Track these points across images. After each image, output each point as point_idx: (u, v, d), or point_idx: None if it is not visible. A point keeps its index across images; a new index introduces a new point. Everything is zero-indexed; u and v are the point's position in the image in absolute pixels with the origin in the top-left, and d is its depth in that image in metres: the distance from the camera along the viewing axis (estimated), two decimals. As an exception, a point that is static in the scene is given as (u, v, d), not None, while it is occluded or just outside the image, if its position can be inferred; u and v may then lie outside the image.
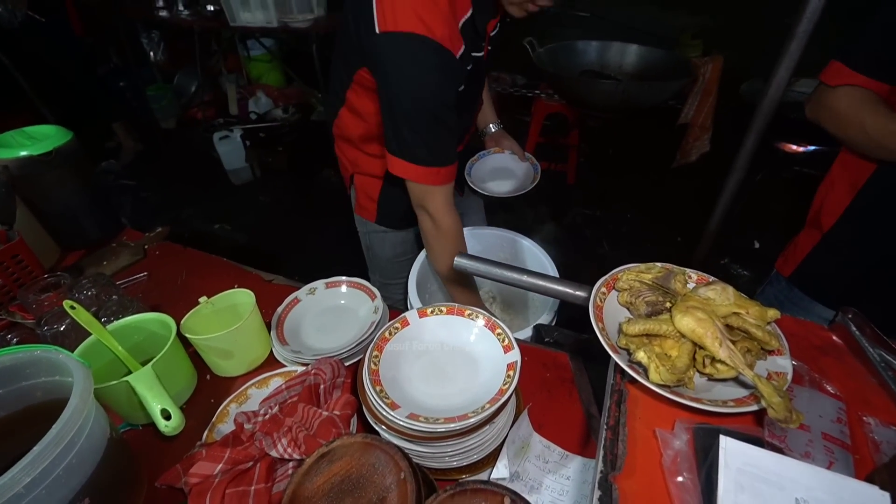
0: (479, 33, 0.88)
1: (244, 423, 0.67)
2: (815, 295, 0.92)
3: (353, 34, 0.86)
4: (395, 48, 0.77)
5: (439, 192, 0.90)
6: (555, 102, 2.67)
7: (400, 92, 0.80)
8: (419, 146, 0.85)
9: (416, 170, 0.87)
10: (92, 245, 1.17)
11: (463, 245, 0.99)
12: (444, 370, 0.67)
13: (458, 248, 0.98)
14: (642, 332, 0.51)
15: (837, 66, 0.79)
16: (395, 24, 0.75)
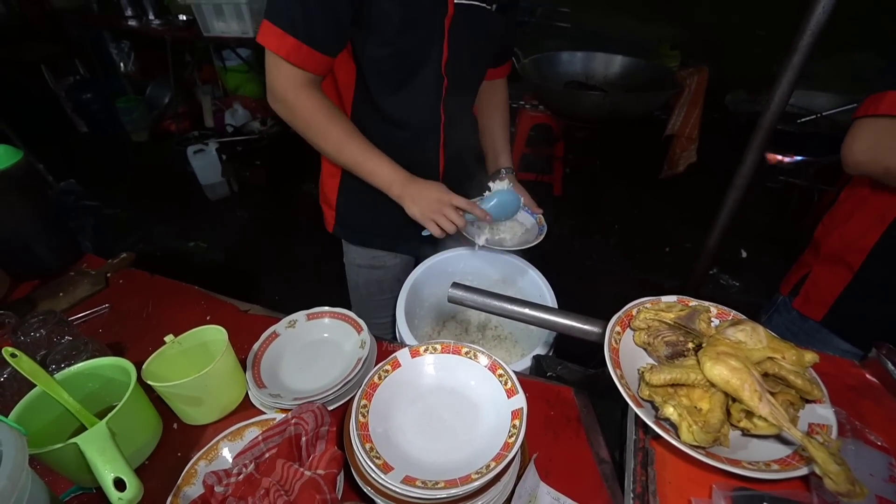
0: None
1: (215, 484, 0.59)
2: (848, 335, 0.85)
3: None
4: None
5: (286, 67, 0.77)
6: (540, 113, 2.65)
7: None
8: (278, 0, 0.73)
9: (265, 28, 0.75)
10: (47, 274, 1.06)
11: (338, 121, 0.84)
12: (442, 418, 0.60)
13: (331, 125, 0.84)
14: (668, 381, 0.46)
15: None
16: None
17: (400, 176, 0.88)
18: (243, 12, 2.51)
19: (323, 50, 0.77)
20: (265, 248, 2.61)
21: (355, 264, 1.16)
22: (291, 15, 0.73)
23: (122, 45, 3.43)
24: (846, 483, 0.36)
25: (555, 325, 0.65)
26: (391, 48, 0.82)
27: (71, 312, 0.96)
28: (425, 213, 0.88)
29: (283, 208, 2.85)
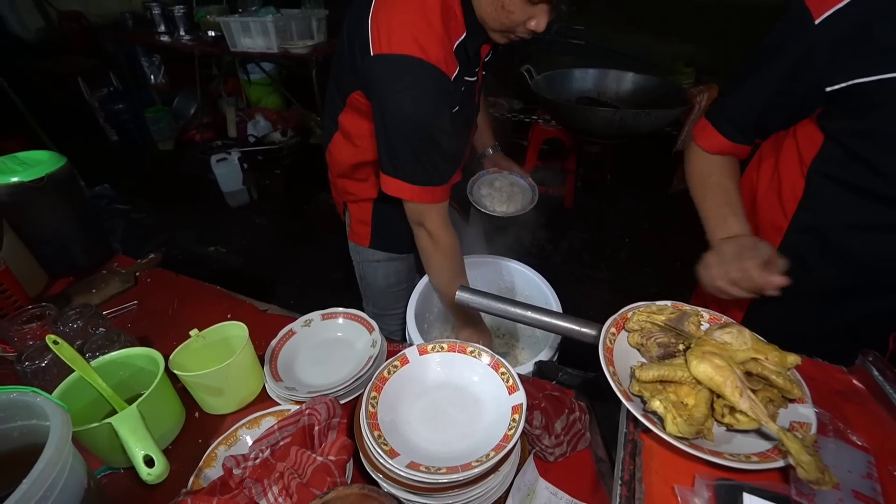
0: (471, 57, 0.88)
1: (233, 467, 0.63)
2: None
3: (347, 57, 0.87)
4: (391, 70, 0.78)
5: (435, 209, 0.92)
6: (552, 128, 2.70)
7: (396, 113, 0.80)
8: (413, 165, 0.85)
9: (410, 189, 0.88)
10: (81, 272, 1.14)
11: (461, 262, 1.01)
12: (446, 412, 0.64)
13: (456, 264, 1.00)
14: (656, 378, 0.49)
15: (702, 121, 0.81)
16: (389, 47, 0.76)
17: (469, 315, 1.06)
18: (269, 30, 2.63)
19: (451, 179, 0.93)
20: (281, 254, 2.69)
21: (372, 261, 1.21)
22: (431, 173, 0.87)
23: (154, 59, 3.60)
24: (816, 472, 0.39)
25: (554, 328, 0.68)
26: None
27: (103, 308, 1.02)
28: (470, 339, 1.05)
29: (299, 216, 2.93)
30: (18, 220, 1.02)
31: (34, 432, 0.59)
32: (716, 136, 0.77)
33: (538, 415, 0.67)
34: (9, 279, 0.92)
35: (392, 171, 0.87)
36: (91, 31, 3.65)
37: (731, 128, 0.75)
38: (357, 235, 1.19)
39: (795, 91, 0.65)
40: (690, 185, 0.83)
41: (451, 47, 0.82)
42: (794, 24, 0.63)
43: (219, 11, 3.14)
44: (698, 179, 0.81)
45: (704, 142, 0.79)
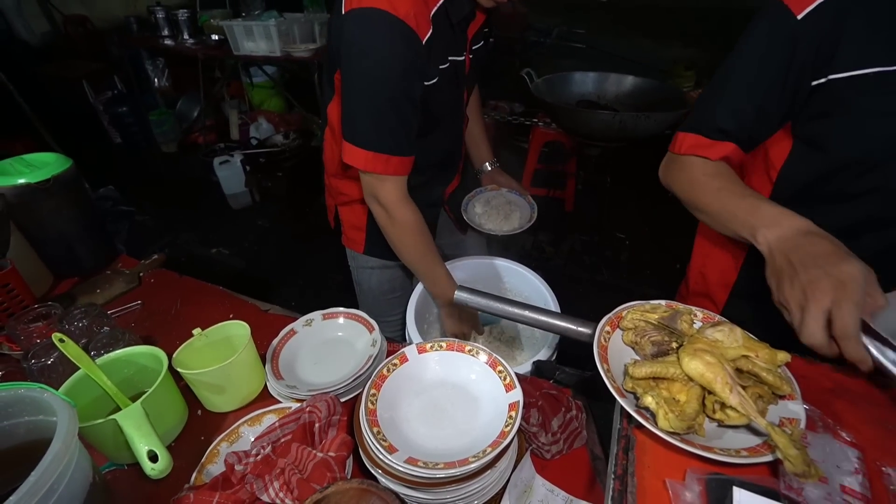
0: (457, 33, 0.88)
1: (235, 463, 0.64)
2: None
3: (332, 36, 0.86)
4: (357, 23, 0.76)
5: (389, 182, 0.88)
6: (552, 131, 2.72)
7: (357, 68, 0.78)
8: (371, 130, 0.83)
9: (364, 156, 0.84)
10: (86, 272, 1.15)
11: (427, 239, 0.96)
12: (444, 409, 0.65)
13: (421, 241, 0.95)
14: (649, 374, 0.50)
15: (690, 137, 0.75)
16: (359, 2, 0.75)
17: (450, 293, 0.98)
18: (272, 33, 2.65)
19: (409, 153, 0.88)
20: (282, 256, 2.70)
21: (367, 267, 1.21)
22: (387, 138, 0.84)
23: (157, 62, 3.63)
24: (802, 465, 0.40)
25: (551, 327, 0.69)
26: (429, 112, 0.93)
27: (107, 307, 1.03)
28: (454, 330, 1.08)
29: (301, 218, 2.95)
30: (25, 221, 1.04)
31: (40, 428, 0.60)
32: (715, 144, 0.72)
33: (535, 412, 0.68)
34: (15, 279, 0.94)
35: (349, 136, 0.85)
36: (96, 34, 3.68)
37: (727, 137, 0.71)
38: (351, 241, 1.18)
39: (786, 91, 0.64)
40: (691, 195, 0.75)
41: (428, 12, 0.79)
42: (775, 22, 0.63)
43: (222, 15, 3.17)
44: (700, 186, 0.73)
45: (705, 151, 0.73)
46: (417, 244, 0.95)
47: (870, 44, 0.57)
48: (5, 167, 1.03)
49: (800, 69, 0.62)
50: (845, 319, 0.48)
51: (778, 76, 0.64)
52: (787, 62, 0.62)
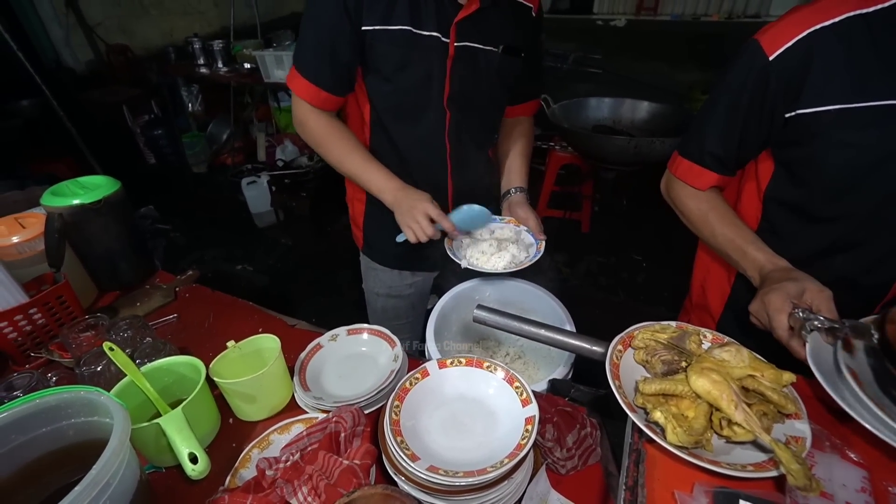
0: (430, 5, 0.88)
1: (266, 469, 0.68)
2: None
3: None
4: None
5: (299, 103, 0.97)
6: (569, 154, 2.77)
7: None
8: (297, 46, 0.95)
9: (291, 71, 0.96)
10: (127, 287, 1.23)
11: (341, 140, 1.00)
12: (463, 422, 0.69)
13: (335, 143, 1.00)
14: (658, 391, 0.53)
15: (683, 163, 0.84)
16: None
17: (392, 185, 0.99)
18: (300, 62, 2.80)
19: (328, 89, 0.95)
20: (304, 274, 2.78)
21: (374, 292, 1.26)
22: (305, 60, 0.93)
23: (192, 88, 3.85)
24: (804, 479, 0.42)
25: (566, 345, 0.73)
26: (392, 85, 0.96)
27: (146, 319, 1.10)
28: (403, 218, 0.97)
29: (323, 238, 3.04)
30: (76, 238, 1.12)
31: (90, 429, 0.65)
32: (704, 172, 0.81)
33: (550, 428, 0.70)
34: (68, 292, 1.02)
35: None
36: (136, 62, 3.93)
37: (716, 162, 0.79)
38: (355, 237, 1.24)
39: (763, 120, 0.72)
40: (691, 225, 0.86)
41: None
42: (751, 60, 0.70)
43: (254, 46, 3.36)
44: (697, 218, 0.84)
45: (695, 181, 0.82)
46: (336, 144, 0.99)
47: (830, 84, 0.64)
48: (61, 189, 1.13)
49: (772, 102, 0.70)
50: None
51: (755, 106, 0.72)
52: (762, 95, 0.70)
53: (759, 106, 0.70)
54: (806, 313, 0.59)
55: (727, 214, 0.80)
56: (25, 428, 0.62)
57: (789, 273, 0.68)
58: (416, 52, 0.91)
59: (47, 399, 0.63)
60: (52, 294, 0.99)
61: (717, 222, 0.80)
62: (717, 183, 0.81)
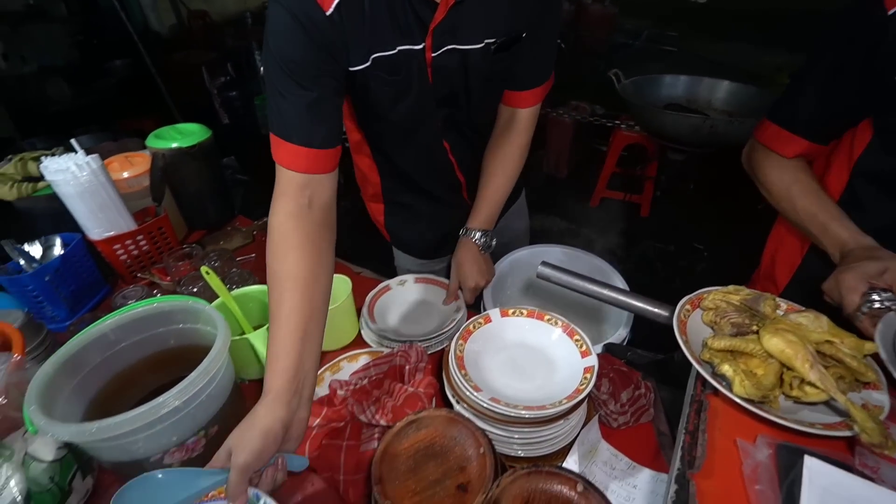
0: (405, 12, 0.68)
1: (338, 388, 0.76)
2: None
3: None
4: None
5: (282, 174, 0.71)
6: (635, 133, 2.66)
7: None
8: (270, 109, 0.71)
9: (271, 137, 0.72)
10: (211, 227, 1.35)
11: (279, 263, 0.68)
12: (523, 367, 0.72)
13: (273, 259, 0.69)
14: (728, 347, 0.53)
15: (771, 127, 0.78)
16: None
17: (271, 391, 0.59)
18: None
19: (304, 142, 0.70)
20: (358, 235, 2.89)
21: (405, 269, 1.22)
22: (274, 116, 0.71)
23: (264, 53, 4.02)
24: (879, 436, 0.42)
25: (628, 306, 0.74)
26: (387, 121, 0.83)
27: (230, 256, 1.21)
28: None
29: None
30: (172, 179, 1.24)
31: (191, 335, 0.75)
32: (793, 139, 0.76)
33: (606, 382, 0.73)
34: (167, 224, 1.14)
35: None
36: (214, 27, 4.15)
37: (808, 128, 0.74)
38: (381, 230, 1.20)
39: (870, 82, 0.66)
40: (771, 197, 0.82)
41: None
42: (866, 14, 0.64)
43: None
44: (779, 190, 0.79)
45: (782, 147, 0.77)
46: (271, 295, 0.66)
47: None
48: (162, 133, 1.24)
49: (885, 62, 0.64)
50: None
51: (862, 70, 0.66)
52: (874, 54, 0.64)
53: (869, 66, 0.65)
54: (881, 294, 0.56)
55: (811, 187, 0.75)
56: (144, 327, 0.71)
57: (872, 252, 0.64)
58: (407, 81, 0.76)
59: (162, 304, 0.72)
60: (154, 224, 1.11)
61: (799, 196, 0.76)
62: (806, 151, 0.76)
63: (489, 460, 0.57)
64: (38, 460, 0.61)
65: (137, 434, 0.56)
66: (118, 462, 0.59)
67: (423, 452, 0.60)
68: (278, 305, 0.63)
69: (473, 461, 0.58)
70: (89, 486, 0.69)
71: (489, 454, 0.57)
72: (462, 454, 0.59)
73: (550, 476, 0.54)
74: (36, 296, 0.94)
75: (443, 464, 0.59)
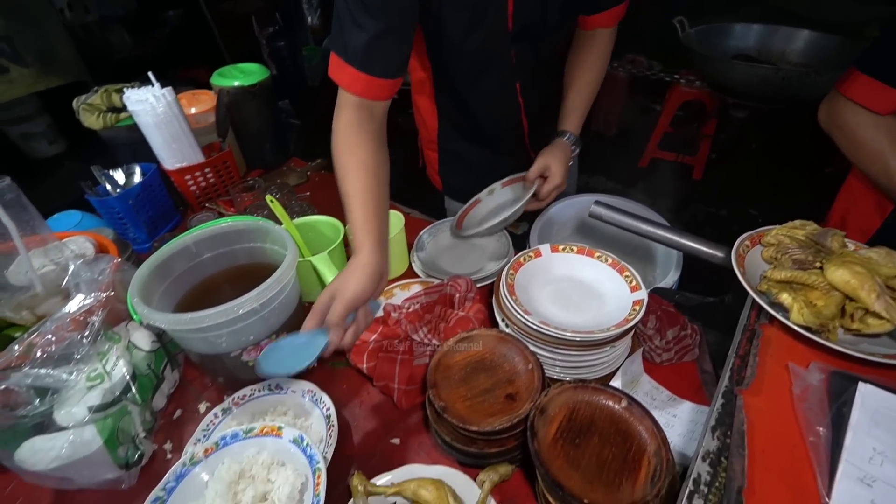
0: None
1: (391, 311, 0.81)
2: None
3: None
4: None
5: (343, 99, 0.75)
6: (694, 89, 2.51)
7: None
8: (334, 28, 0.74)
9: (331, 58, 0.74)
10: (268, 166, 1.42)
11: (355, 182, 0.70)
12: (571, 299, 0.74)
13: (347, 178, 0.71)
14: (788, 279, 0.53)
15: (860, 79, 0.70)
16: None
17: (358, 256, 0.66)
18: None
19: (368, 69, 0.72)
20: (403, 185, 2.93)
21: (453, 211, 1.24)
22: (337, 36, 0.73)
23: (312, 2, 3.99)
24: (943, 361, 0.42)
25: (684, 246, 0.73)
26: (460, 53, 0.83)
27: (287, 193, 1.27)
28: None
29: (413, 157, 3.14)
30: (234, 118, 1.30)
31: (259, 255, 0.81)
32: (890, 93, 0.68)
33: (653, 319, 0.74)
34: (231, 159, 1.21)
35: None
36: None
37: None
38: (432, 179, 1.23)
39: None
40: (858, 157, 0.75)
41: None
42: None
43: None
44: (871, 151, 0.73)
45: (875, 102, 0.70)
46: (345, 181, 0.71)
47: None
48: (224, 72, 1.29)
49: None
50: None
51: None
52: None
53: None
54: None
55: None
56: (220, 243, 0.78)
57: None
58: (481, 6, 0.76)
59: (236, 223, 0.79)
60: (220, 158, 1.18)
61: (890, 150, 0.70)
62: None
63: (537, 375, 0.60)
64: (138, 348, 0.70)
65: (222, 329, 0.63)
66: (205, 354, 0.67)
67: (473, 366, 0.64)
68: (353, 186, 0.70)
69: (522, 375, 0.62)
70: (177, 377, 0.78)
71: (537, 370, 0.61)
72: (511, 369, 0.63)
73: (596, 391, 0.57)
74: (121, 217, 1.03)
75: (493, 376, 0.63)
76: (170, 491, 0.57)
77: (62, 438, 0.57)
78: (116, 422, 0.62)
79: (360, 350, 0.75)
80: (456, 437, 0.58)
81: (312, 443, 0.58)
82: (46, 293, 0.69)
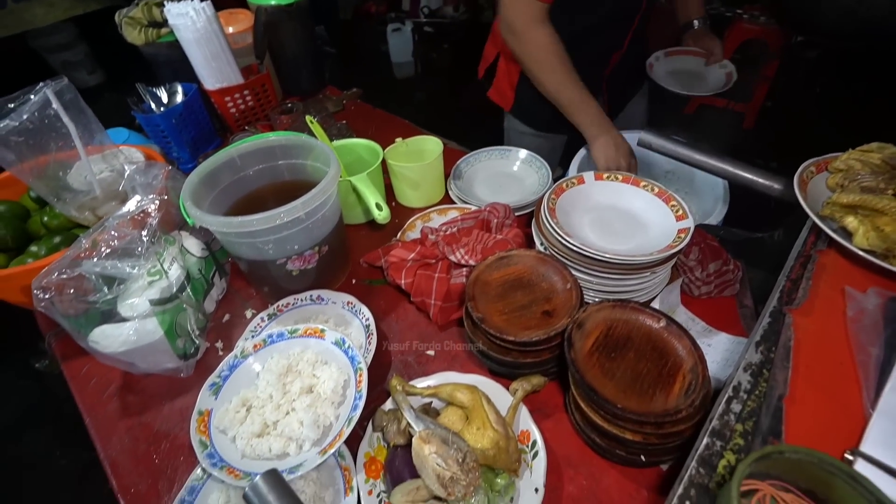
0: None
1: (429, 234, 0.82)
2: None
3: None
4: None
5: (534, 6, 0.83)
6: (757, 26, 2.28)
7: None
8: None
9: None
10: (304, 94, 1.40)
11: (561, 62, 0.87)
12: (613, 226, 0.73)
13: (554, 64, 0.87)
14: (855, 202, 0.50)
15: None
16: None
17: (599, 120, 0.89)
18: None
19: None
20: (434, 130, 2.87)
21: (517, 131, 1.22)
22: None
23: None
24: None
25: (737, 177, 0.70)
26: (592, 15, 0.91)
27: (323, 120, 1.27)
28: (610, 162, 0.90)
29: (456, 95, 3.03)
30: (271, 41, 1.27)
31: (301, 171, 0.82)
32: None
33: (696, 250, 0.72)
34: (269, 82, 1.20)
35: None
36: None
37: None
38: (500, 96, 1.19)
39: None
40: None
41: None
42: None
43: None
44: None
45: None
46: (554, 70, 0.88)
47: None
48: (261, -10, 1.25)
49: None
50: None
51: None
52: None
53: None
54: None
55: None
56: (264, 157, 0.79)
57: None
58: None
59: (280, 138, 0.79)
60: (258, 81, 1.17)
61: None
62: None
63: (575, 294, 0.60)
64: (190, 253, 0.74)
65: (269, 235, 0.65)
66: (252, 261, 0.70)
67: (511, 283, 0.65)
68: (569, 77, 0.88)
69: (560, 294, 0.62)
70: (224, 285, 0.83)
71: (575, 290, 0.61)
72: (549, 288, 0.63)
73: (635, 310, 0.57)
74: (165, 136, 1.05)
75: (530, 294, 0.64)
76: (224, 378, 0.63)
77: (128, 326, 0.62)
78: (174, 316, 0.67)
79: (398, 267, 0.77)
80: (491, 347, 0.60)
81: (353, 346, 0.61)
82: (105, 196, 0.73)
